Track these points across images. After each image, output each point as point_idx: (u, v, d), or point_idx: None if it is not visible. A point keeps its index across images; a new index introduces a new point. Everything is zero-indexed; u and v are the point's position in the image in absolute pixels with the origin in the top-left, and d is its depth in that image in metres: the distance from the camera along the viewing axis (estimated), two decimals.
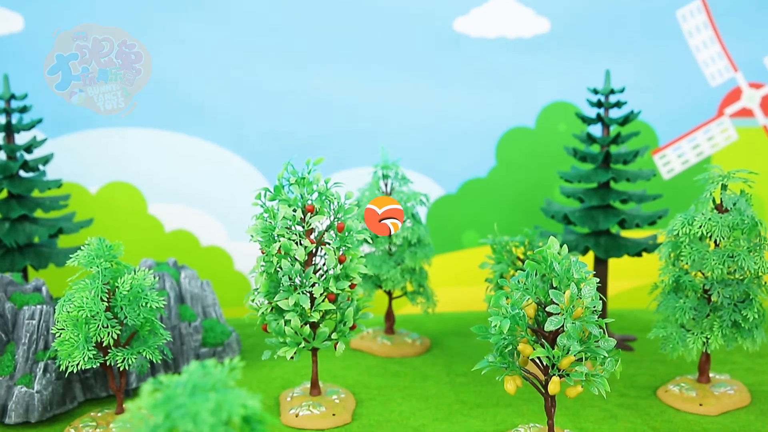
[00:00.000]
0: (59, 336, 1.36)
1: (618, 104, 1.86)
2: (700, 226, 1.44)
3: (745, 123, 2.37)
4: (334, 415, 1.46)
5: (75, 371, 1.50)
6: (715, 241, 1.46)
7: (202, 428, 0.69)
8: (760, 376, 1.70)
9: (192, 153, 2.32)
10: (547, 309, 1.20)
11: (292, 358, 1.41)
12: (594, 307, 1.22)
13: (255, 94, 2.31)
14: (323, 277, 1.42)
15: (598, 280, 1.24)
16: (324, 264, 1.42)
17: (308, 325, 1.40)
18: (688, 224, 1.45)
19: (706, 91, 2.34)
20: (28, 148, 1.85)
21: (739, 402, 1.53)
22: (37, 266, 1.83)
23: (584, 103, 2.26)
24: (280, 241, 1.37)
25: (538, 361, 1.27)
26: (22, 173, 1.87)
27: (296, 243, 1.39)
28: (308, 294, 1.39)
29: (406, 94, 2.36)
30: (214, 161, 2.33)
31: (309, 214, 1.40)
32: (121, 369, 1.39)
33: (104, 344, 1.36)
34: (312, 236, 1.42)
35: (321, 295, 1.39)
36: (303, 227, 1.40)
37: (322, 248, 1.43)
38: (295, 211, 1.40)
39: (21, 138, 1.93)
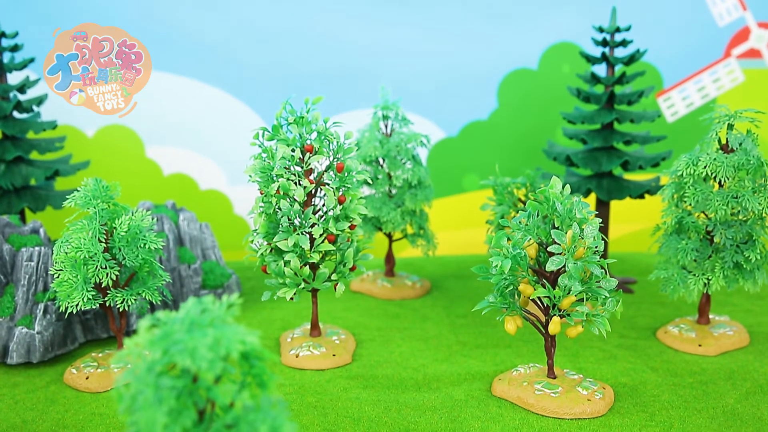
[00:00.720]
0: (58, 277, 1.35)
1: (623, 43, 1.82)
2: (705, 167, 1.41)
3: (752, 64, 2.32)
4: (334, 355, 1.46)
5: (75, 312, 1.50)
6: (720, 182, 1.45)
7: (200, 364, 0.69)
8: (759, 317, 1.70)
9: (190, 95, 2.28)
10: (548, 249, 1.19)
11: (291, 299, 1.41)
12: (596, 247, 1.21)
13: (254, 35, 2.26)
14: (323, 218, 1.40)
15: (600, 220, 1.22)
16: (323, 205, 1.41)
17: (308, 266, 1.39)
18: (693, 165, 1.43)
19: (713, 31, 2.29)
20: (21, 89, 1.81)
21: (738, 343, 1.53)
22: (35, 209, 1.82)
23: (589, 43, 2.22)
24: (278, 181, 1.35)
25: (538, 301, 1.26)
26: (15, 114, 1.84)
27: (295, 183, 1.37)
28: (307, 235, 1.37)
29: (406, 36, 2.31)
30: (212, 104, 2.30)
31: (308, 154, 1.38)
32: (120, 310, 1.39)
33: (103, 285, 1.35)
34: (311, 177, 1.40)
35: (320, 236, 1.38)
36: (302, 167, 1.38)
37: (321, 189, 1.41)
38: (293, 151, 1.38)
39: (13, 78, 1.89)
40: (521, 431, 1.20)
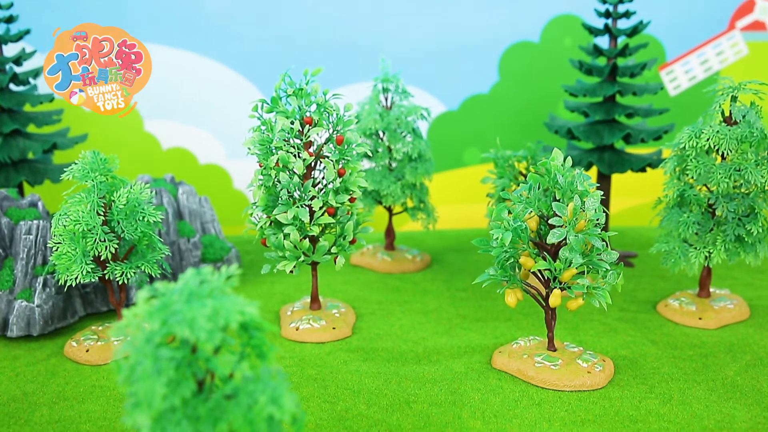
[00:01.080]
0: (56, 250, 1.34)
1: (626, 14, 1.79)
2: (708, 139, 1.40)
3: (756, 37, 2.30)
4: (334, 328, 1.46)
5: (74, 285, 1.50)
6: (722, 155, 1.43)
7: (198, 334, 0.68)
8: (759, 291, 1.70)
9: (189, 69, 2.26)
10: (549, 221, 1.19)
11: (291, 272, 1.40)
12: (597, 219, 1.20)
13: (253, 8, 2.23)
14: (322, 191, 1.39)
15: (602, 192, 1.21)
16: (323, 177, 1.40)
17: (307, 239, 1.39)
18: (696, 137, 1.42)
19: (717, 3, 2.26)
20: (17, 60, 1.79)
21: (738, 316, 1.53)
22: (33, 182, 1.81)
23: (591, 15, 2.19)
24: (277, 153, 1.34)
25: (539, 274, 1.26)
26: (12, 87, 1.82)
27: (294, 156, 1.36)
28: (307, 208, 1.37)
29: (407, 8, 2.28)
30: (212, 78, 2.28)
31: (307, 126, 1.37)
32: (120, 283, 1.39)
33: (102, 258, 1.35)
34: (311, 149, 1.39)
35: (320, 208, 1.37)
36: (301, 140, 1.37)
37: (321, 161, 1.40)
38: (292, 123, 1.37)
39: (9, 50, 1.87)
40: (521, 403, 1.20)
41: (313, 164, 1.39)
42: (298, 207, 1.35)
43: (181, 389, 0.71)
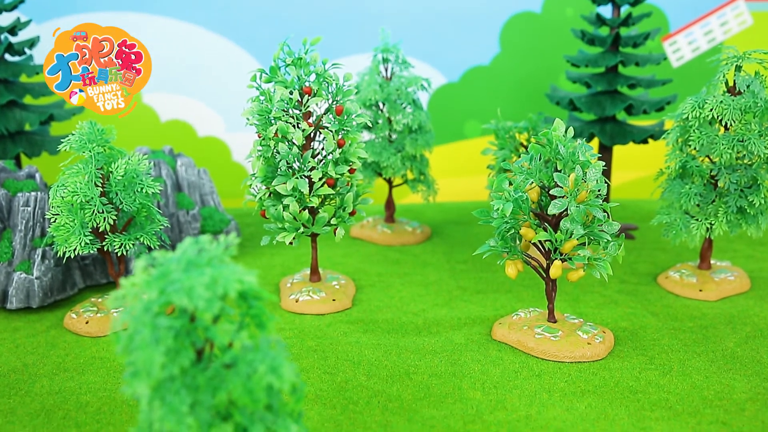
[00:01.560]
0: (54, 221, 1.34)
1: None
2: (711, 110, 1.39)
3: (760, 7, 2.27)
4: (334, 300, 1.46)
5: (73, 257, 1.50)
6: (726, 125, 1.42)
7: (197, 303, 0.68)
8: (760, 263, 1.69)
9: (188, 41, 2.23)
10: (550, 192, 1.18)
11: (291, 243, 1.39)
12: (599, 190, 1.19)
13: None
14: (322, 162, 1.38)
15: (603, 163, 1.20)
16: (322, 148, 1.38)
17: (307, 211, 1.38)
18: (699, 107, 1.41)
19: None
20: (12, 30, 1.77)
21: (738, 288, 1.53)
22: (30, 154, 1.80)
23: None
24: (276, 124, 1.33)
25: (539, 245, 1.25)
26: (7, 57, 1.80)
27: (294, 126, 1.35)
28: (306, 179, 1.36)
29: None
30: (211, 49, 2.25)
31: (306, 96, 1.35)
32: (119, 255, 1.38)
33: (101, 230, 1.34)
34: (310, 120, 1.38)
35: (320, 179, 1.36)
36: (300, 110, 1.36)
37: (320, 132, 1.39)
38: (291, 93, 1.35)
39: (3, 20, 1.84)
40: (521, 374, 1.20)
41: (312, 135, 1.38)
42: (297, 178, 1.34)
43: (180, 358, 0.70)
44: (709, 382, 1.17)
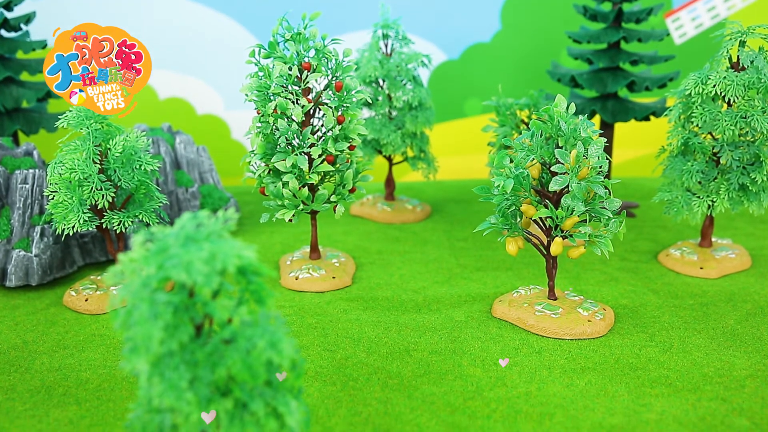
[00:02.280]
0: (52, 198, 1.33)
1: None
2: (714, 86, 1.37)
3: None
4: (334, 278, 1.46)
5: (72, 235, 1.49)
6: (729, 102, 1.41)
7: (195, 278, 0.67)
8: (761, 240, 1.69)
9: (186, 17, 2.21)
10: (552, 169, 1.17)
11: (290, 220, 1.39)
12: (600, 167, 1.18)
13: None
14: (321, 138, 1.37)
15: (605, 140, 1.19)
16: (322, 125, 1.37)
17: (306, 188, 1.37)
18: (702, 83, 1.39)
19: None
20: (8, 5, 1.75)
21: (739, 265, 1.53)
22: (28, 131, 1.78)
23: None
24: (276, 100, 1.31)
25: (540, 222, 1.25)
26: (3, 33, 1.78)
27: (293, 102, 1.33)
28: (306, 155, 1.35)
29: None
30: (209, 27, 2.23)
31: (305, 72, 1.34)
32: (118, 232, 1.37)
33: (99, 207, 1.33)
34: (309, 96, 1.36)
35: (319, 156, 1.35)
36: (299, 86, 1.34)
37: (319, 109, 1.37)
38: (290, 68, 1.34)
39: None
40: (521, 351, 1.20)
41: (311, 111, 1.37)
42: (296, 155, 1.33)
43: (179, 334, 0.70)
44: (709, 359, 1.17)
